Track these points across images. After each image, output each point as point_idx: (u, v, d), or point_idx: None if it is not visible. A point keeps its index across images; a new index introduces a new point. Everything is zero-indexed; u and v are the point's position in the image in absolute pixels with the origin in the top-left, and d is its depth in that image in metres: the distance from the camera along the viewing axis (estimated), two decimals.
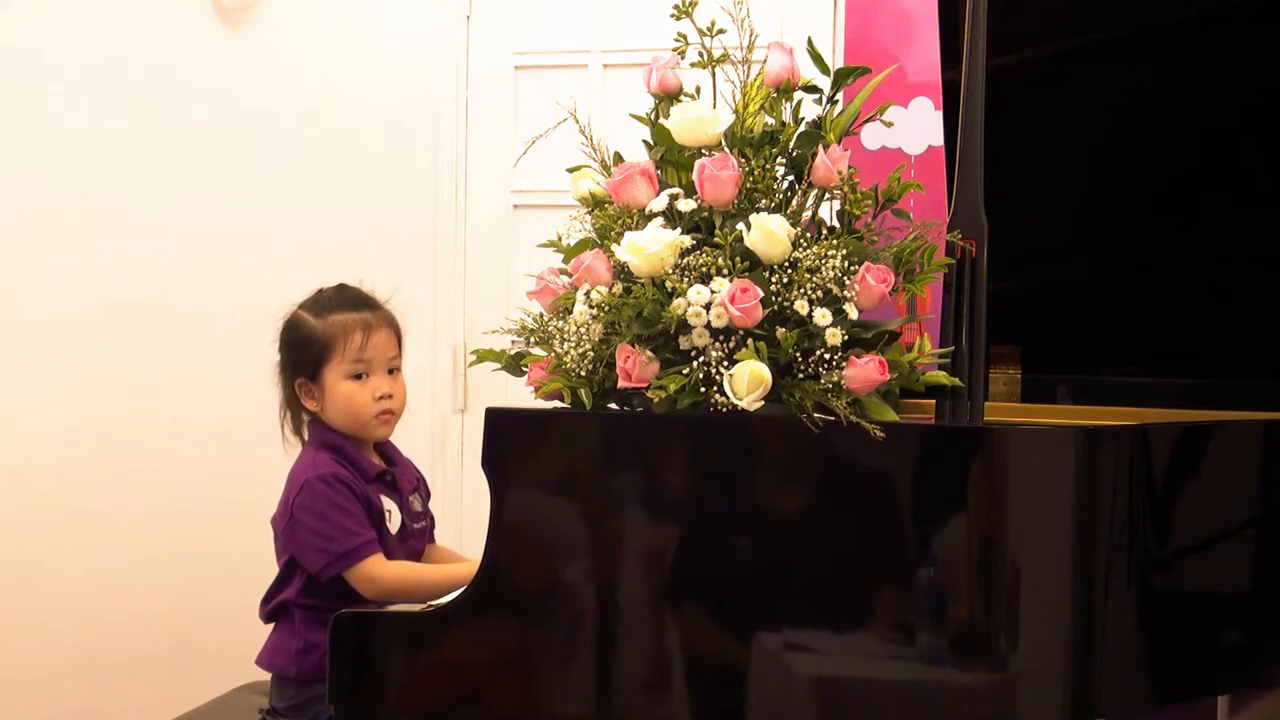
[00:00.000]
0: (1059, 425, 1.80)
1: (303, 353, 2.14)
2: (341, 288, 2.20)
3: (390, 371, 2.16)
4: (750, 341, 1.61)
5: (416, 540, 2.18)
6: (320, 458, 2.10)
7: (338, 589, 2.03)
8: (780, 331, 1.62)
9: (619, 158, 1.85)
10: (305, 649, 2.07)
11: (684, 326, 1.63)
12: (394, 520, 2.12)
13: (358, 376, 2.13)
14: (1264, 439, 1.86)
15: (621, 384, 1.66)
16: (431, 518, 2.25)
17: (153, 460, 3.25)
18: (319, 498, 2.05)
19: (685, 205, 1.71)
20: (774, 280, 1.64)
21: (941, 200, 1.77)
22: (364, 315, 2.15)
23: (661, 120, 1.80)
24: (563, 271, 1.82)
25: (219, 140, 3.27)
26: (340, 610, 1.77)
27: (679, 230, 1.69)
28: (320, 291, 2.20)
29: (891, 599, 1.64)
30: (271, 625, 2.16)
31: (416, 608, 1.84)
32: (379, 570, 2.04)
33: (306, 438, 2.18)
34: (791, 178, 1.77)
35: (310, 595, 2.07)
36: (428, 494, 2.26)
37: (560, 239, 1.85)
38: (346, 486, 2.06)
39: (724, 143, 1.76)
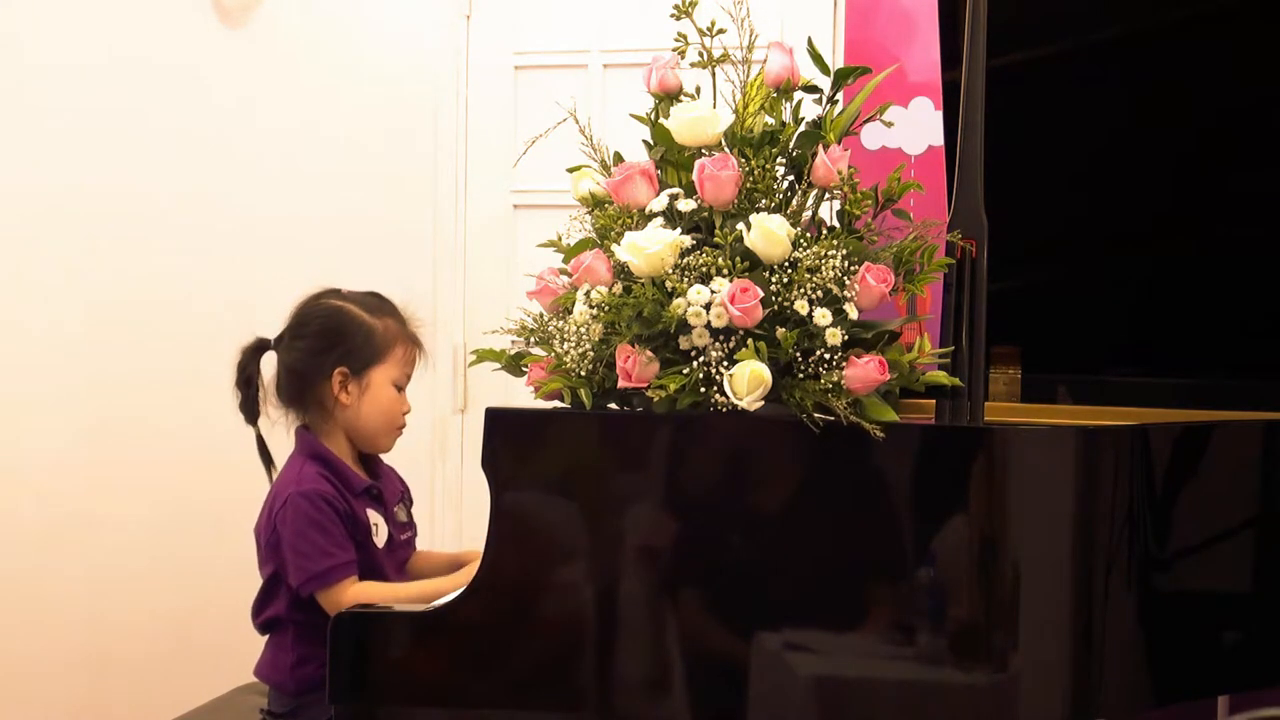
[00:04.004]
0: (1059, 425, 1.81)
1: (358, 345, 2.10)
2: (377, 295, 2.18)
3: None
4: (750, 341, 1.61)
5: (403, 550, 2.17)
6: (307, 470, 2.07)
7: None
8: (780, 331, 1.62)
9: (619, 158, 1.85)
10: (299, 662, 2.06)
11: (684, 326, 1.63)
12: (380, 534, 2.10)
13: (400, 386, 2.13)
14: (1264, 439, 1.86)
15: (621, 384, 1.66)
16: (414, 527, 2.25)
17: (154, 461, 3.26)
18: (300, 514, 2.02)
19: (685, 205, 1.71)
20: (774, 280, 1.64)
21: (941, 200, 1.77)
22: (412, 331, 2.16)
23: (661, 120, 1.80)
24: (563, 271, 1.82)
25: (219, 140, 3.27)
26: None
27: (679, 230, 1.69)
28: (344, 291, 2.16)
29: (891, 599, 1.64)
30: (266, 636, 2.15)
31: (417, 607, 1.84)
32: (343, 596, 2.00)
33: (293, 446, 2.15)
34: (791, 178, 1.77)
35: (300, 609, 2.05)
36: (411, 502, 2.25)
37: (560, 239, 1.85)
38: (329, 504, 2.03)
39: (724, 143, 1.76)
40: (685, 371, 1.63)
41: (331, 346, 2.11)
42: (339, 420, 2.12)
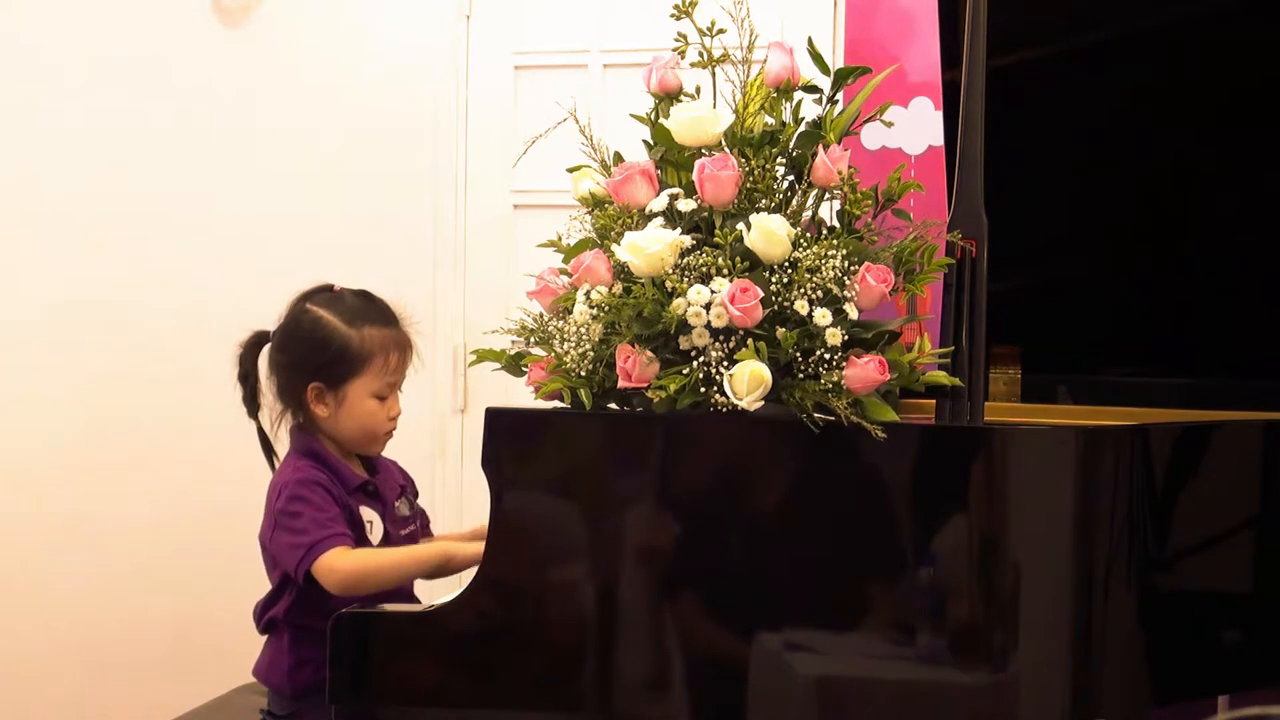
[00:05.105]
0: (1059, 425, 1.81)
1: (331, 360, 2.08)
2: (366, 295, 2.15)
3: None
4: (750, 341, 1.61)
5: (405, 545, 2.16)
6: (302, 464, 2.07)
7: (326, 605, 1.95)
8: (780, 331, 1.62)
9: (619, 158, 1.85)
10: (297, 665, 2.05)
11: (684, 326, 1.63)
12: (375, 531, 2.08)
13: (381, 397, 2.10)
14: (1264, 439, 1.86)
15: (621, 384, 1.66)
16: (424, 516, 2.24)
17: (153, 461, 3.26)
18: (293, 498, 2.02)
19: (685, 205, 1.71)
20: (774, 280, 1.64)
21: (941, 200, 1.77)
22: (397, 334, 2.12)
23: (661, 120, 1.80)
24: (563, 271, 1.82)
25: (218, 140, 3.27)
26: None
27: (679, 230, 1.69)
28: (334, 292, 2.14)
29: (892, 599, 1.64)
30: (266, 636, 2.15)
31: (417, 607, 1.84)
32: (338, 561, 1.96)
33: (289, 445, 2.14)
34: (791, 178, 1.77)
35: (299, 613, 2.04)
36: (415, 494, 2.24)
37: (560, 239, 1.85)
38: (324, 489, 2.03)
39: (724, 143, 1.76)
40: (685, 371, 1.63)
41: (306, 361, 2.09)
42: (322, 428, 2.12)
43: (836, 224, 1.73)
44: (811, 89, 1.80)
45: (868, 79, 1.80)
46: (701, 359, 1.63)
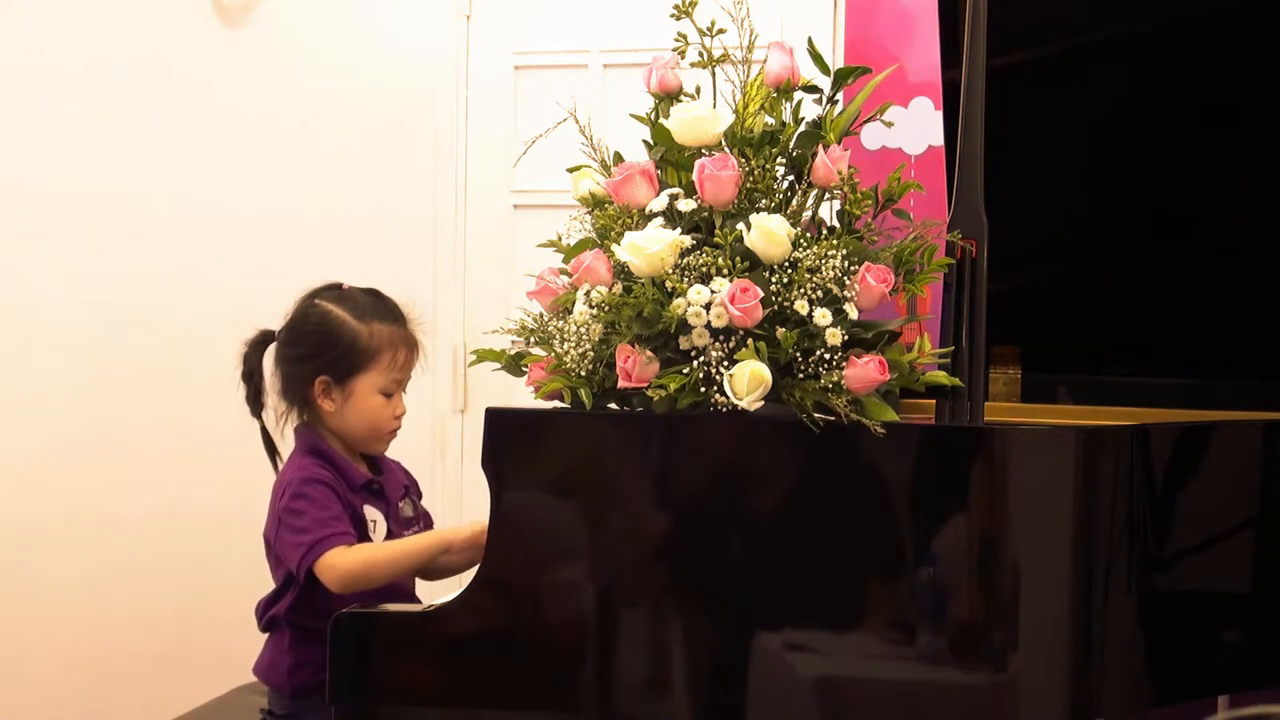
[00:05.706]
0: (1059, 425, 1.81)
1: (340, 353, 2.08)
2: (375, 294, 2.15)
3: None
4: (750, 341, 1.61)
5: None
6: (306, 463, 2.07)
7: (327, 606, 1.94)
8: (780, 331, 1.62)
9: (619, 158, 1.85)
10: (296, 665, 2.05)
11: (684, 326, 1.63)
12: (379, 530, 2.09)
13: (388, 394, 2.11)
14: (1264, 439, 1.86)
15: (621, 384, 1.66)
16: (427, 518, 2.24)
17: (153, 461, 3.26)
18: (297, 497, 2.02)
19: (685, 205, 1.71)
20: (774, 280, 1.64)
21: (941, 200, 1.77)
22: (406, 332, 2.13)
23: (661, 120, 1.80)
24: (563, 271, 1.82)
25: (219, 140, 3.27)
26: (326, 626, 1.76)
27: (679, 230, 1.69)
28: (343, 289, 2.15)
29: (892, 599, 1.64)
30: (266, 636, 2.15)
31: (417, 607, 1.84)
32: (339, 558, 1.96)
33: (293, 443, 2.15)
34: (791, 178, 1.77)
35: (299, 613, 2.04)
36: (419, 495, 2.24)
37: (560, 239, 1.85)
38: (328, 487, 2.03)
39: (724, 143, 1.76)
40: (685, 371, 1.63)
41: (314, 354, 2.10)
42: (327, 424, 2.12)
43: (836, 224, 1.73)
44: (811, 89, 1.80)
45: (868, 79, 1.80)
46: (701, 359, 1.63)
